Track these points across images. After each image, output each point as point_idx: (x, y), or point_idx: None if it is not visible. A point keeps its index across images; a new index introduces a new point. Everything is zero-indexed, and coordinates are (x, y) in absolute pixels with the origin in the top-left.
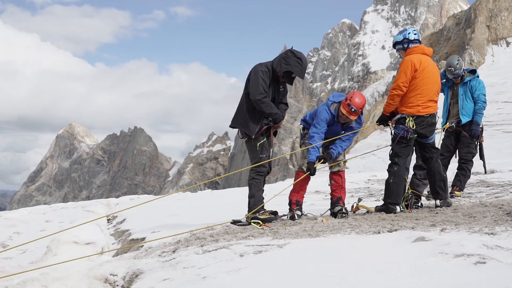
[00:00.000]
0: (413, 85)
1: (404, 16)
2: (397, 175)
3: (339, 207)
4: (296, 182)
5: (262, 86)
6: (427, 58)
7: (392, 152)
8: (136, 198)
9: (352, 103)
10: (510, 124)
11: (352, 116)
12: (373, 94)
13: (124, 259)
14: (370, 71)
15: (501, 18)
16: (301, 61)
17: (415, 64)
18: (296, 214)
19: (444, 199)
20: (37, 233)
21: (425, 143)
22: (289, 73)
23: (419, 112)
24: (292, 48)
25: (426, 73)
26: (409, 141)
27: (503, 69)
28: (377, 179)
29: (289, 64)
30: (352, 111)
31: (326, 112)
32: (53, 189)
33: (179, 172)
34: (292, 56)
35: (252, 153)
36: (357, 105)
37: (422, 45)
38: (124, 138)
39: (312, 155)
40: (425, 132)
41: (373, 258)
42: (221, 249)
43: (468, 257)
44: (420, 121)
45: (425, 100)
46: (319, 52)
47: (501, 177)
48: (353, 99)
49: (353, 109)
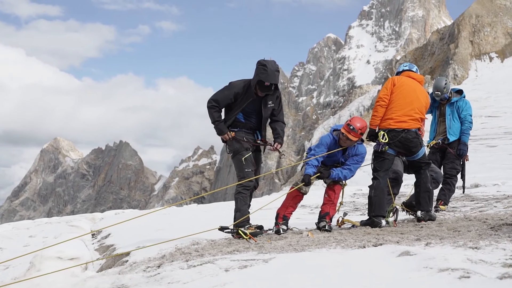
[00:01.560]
0: (390, 100)
1: (388, 31)
2: (378, 189)
3: (323, 223)
4: (287, 198)
5: (219, 96)
6: (411, 80)
7: (373, 167)
8: (121, 212)
9: (351, 123)
10: (494, 139)
11: (352, 136)
12: (358, 108)
13: (109, 275)
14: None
15: (484, 33)
16: (266, 66)
17: (394, 80)
18: (281, 228)
19: (426, 211)
20: (21, 249)
21: (412, 160)
22: (260, 82)
23: (390, 125)
24: (261, 59)
25: (402, 89)
26: (384, 154)
27: (486, 84)
28: (363, 193)
29: (256, 74)
30: (351, 129)
31: (328, 136)
32: (37, 204)
33: (165, 186)
34: (258, 66)
35: (238, 167)
36: (356, 126)
37: (411, 71)
38: (110, 153)
39: (308, 169)
40: (401, 148)
41: (358, 273)
42: (206, 264)
43: (452, 271)
44: (393, 135)
45: (400, 114)
46: (305, 67)
47: (485, 191)
48: (353, 120)
49: (351, 127)
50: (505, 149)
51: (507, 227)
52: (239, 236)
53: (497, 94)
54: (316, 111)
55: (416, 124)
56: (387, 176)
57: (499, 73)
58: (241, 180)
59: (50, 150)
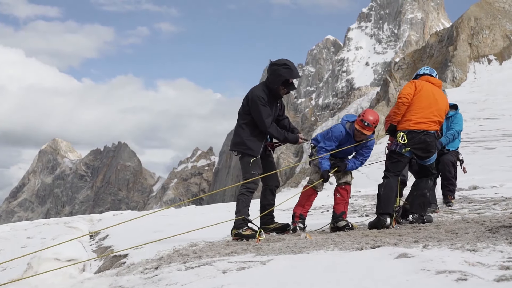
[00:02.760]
0: (410, 101)
1: (387, 33)
2: (388, 186)
3: (344, 222)
4: (302, 197)
5: (266, 116)
6: (430, 84)
7: (385, 167)
8: (119, 213)
9: (365, 118)
10: (492, 141)
11: (366, 131)
12: (357, 110)
13: (106, 276)
14: (354, 87)
15: (483, 36)
16: (287, 64)
17: (415, 83)
18: (298, 226)
19: (419, 215)
20: (19, 250)
21: (423, 165)
22: (286, 81)
23: (410, 126)
24: (270, 61)
25: (422, 93)
26: (400, 156)
27: (484, 86)
28: (361, 195)
29: (280, 74)
30: (366, 125)
31: (341, 130)
32: (36, 205)
33: (163, 187)
34: (278, 67)
35: (245, 169)
36: (370, 120)
37: (429, 76)
38: (108, 154)
39: (324, 164)
40: (418, 150)
41: (356, 275)
42: (204, 266)
43: (450, 273)
44: (412, 137)
45: (419, 116)
46: (304, 68)
47: (483, 193)
48: (366, 115)
49: (366, 123)
50: (503, 151)
51: (505, 230)
52: (238, 238)
53: (495, 96)
54: (315, 112)
55: (435, 127)
56: (397, 178)
57: (497, 75)
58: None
59: (49, 151)
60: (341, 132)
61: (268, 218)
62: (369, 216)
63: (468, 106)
